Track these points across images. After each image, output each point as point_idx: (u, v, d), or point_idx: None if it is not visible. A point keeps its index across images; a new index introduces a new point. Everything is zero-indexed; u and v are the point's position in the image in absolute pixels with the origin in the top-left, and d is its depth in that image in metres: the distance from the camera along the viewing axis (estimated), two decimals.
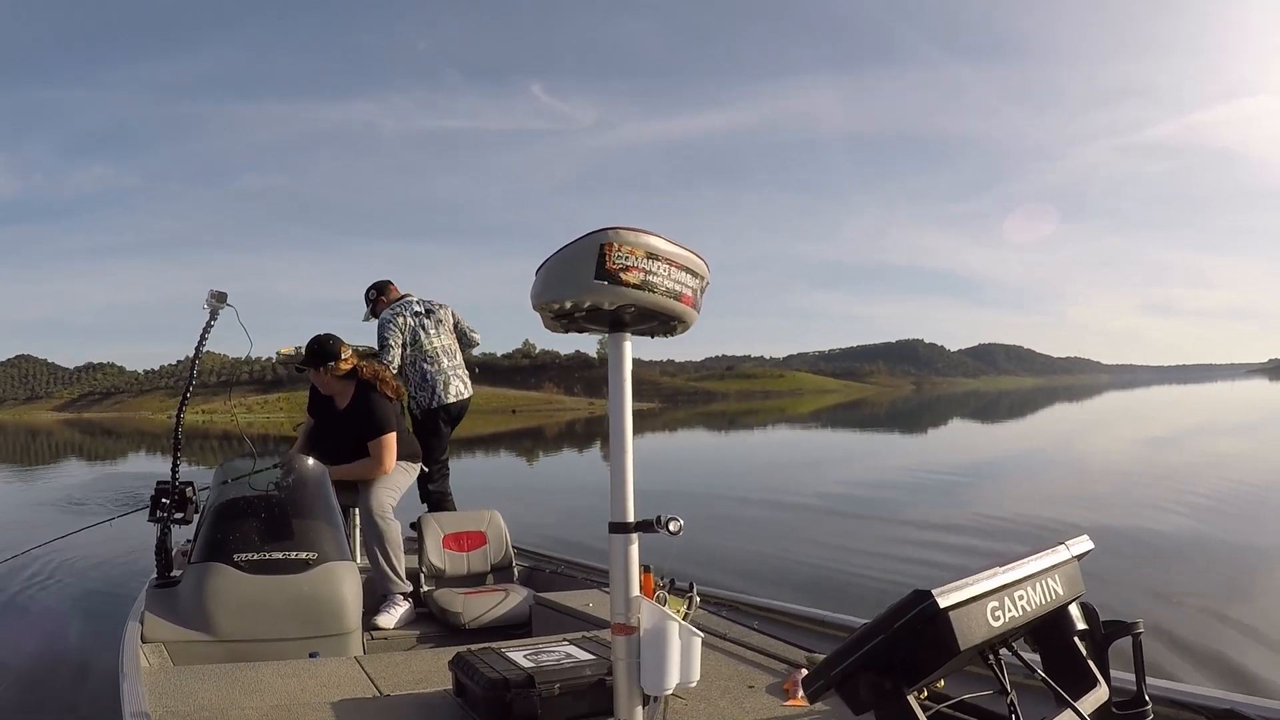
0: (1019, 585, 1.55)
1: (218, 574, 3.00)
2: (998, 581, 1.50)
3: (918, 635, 1.38)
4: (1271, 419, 26.82)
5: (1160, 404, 43.52)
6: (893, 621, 1.39)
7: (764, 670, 2.69)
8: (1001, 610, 1.48)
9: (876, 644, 1.40)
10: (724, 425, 34.18)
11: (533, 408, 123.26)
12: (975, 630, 1.42)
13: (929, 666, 1.41)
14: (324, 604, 3.04)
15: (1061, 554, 1.72)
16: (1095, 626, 1.79)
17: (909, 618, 1.38)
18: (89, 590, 5.69)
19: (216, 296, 4.74)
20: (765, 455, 19.64)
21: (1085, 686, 1.67)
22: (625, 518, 1.80)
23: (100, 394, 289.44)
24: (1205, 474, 11.52)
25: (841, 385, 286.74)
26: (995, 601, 1.48)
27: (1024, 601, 1.55)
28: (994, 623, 1.46)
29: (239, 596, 2.95)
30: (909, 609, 1.38)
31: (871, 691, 1.41)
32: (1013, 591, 1.53)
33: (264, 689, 2.34)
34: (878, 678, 1.40)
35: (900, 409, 53.12)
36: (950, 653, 1.38)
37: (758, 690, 2.50)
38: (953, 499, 10.23)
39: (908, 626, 1.38)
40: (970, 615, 1.42)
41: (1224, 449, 16.20)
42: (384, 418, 4.15)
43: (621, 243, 1.69)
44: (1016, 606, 1.52)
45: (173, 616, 2.92)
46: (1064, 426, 27.64)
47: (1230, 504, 9.14)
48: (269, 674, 2.46)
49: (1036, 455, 17.31)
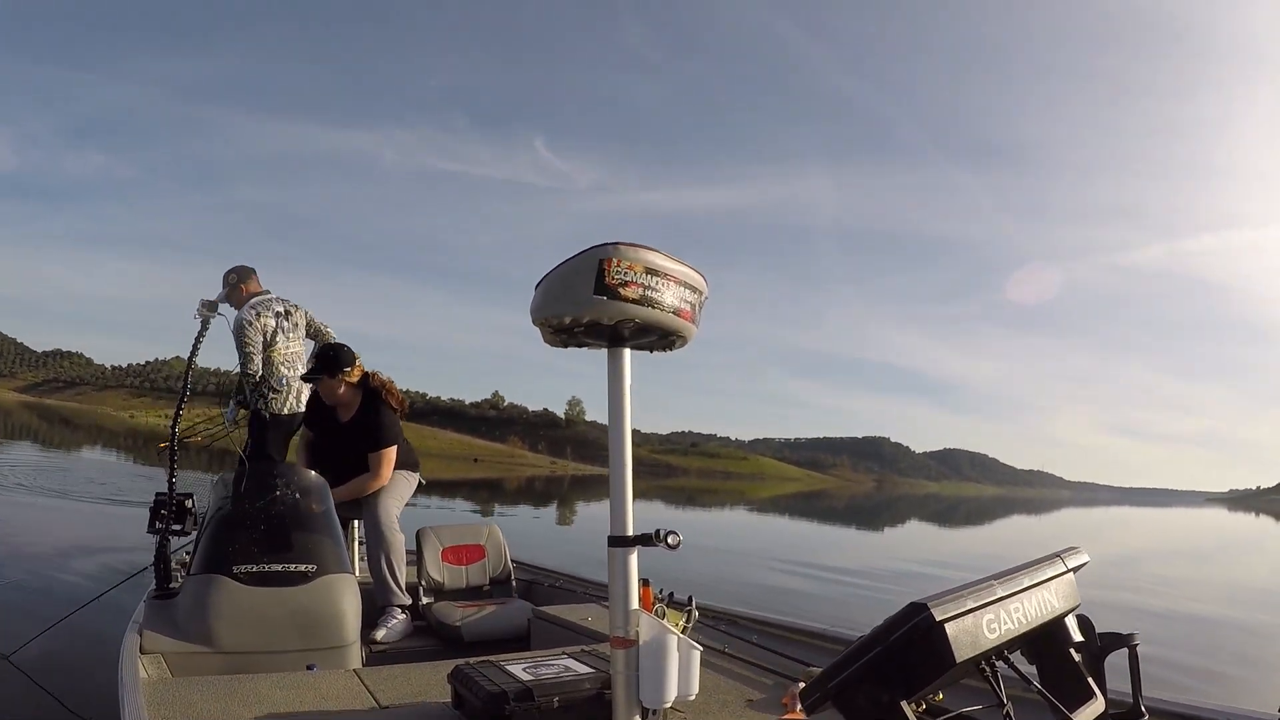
0: (1015, 598, 1.56)
1: (217, 586, 3.00)
2: (994, 594, 1.51)
3: (914, 648, 1.39)
4: (1221, 549, 27.16)
5: (1116, 524, 43.84)
6: (889, 634, 1.40)
7: (762, 684, 2.69)
8: (998, 622, 1.49)
9: (873, 656, 1.41)
10: (682, 501, 34.15)
11: (495, 459, 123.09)
12: (971, 642, 1.43)
13: (926, 679, 1.42)
14: (323, 616, 3.04)
15: (1057, 566, 1.73)
16: (1091, 638, 1.80)
17: (905, 630, 1.39)
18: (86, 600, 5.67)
19: (208, 306, 4.74)
20: (715, 539, 19.15)
21: (1081, 698, 1.68)
22: (624, 531, 1.81)
23: (64, 382, 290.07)
24: (1151, 596, 11.43)
25: (804, 474, 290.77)
26: (991, 614, 1.49)
27: (1020, 614, 1.56)
28: (990, 635, 1.47)
29: (238, 608, 2.95)
30: (905, 621, 1.39)
31: (869, 704, 1.41)
32: (1009, 604, 1.54)
33: (262, 701, 2.34)
34: (875, 690, 1.41)
35: (860, 505, 53.44)
36: (947, 665, 1.39)
37: (756, 704, 2.50)
38: (879, 601, 9.71)
39: (904, 639, 1.39)
40: (966, 627, 1.43)
41: (1172, 573, 16.24)
42: (392, 430, 4.17)
43: (621, 258, 1.71)
44: (1012, 619, 1.53)
45: (171, 628, 2.91)
46: (1020, 538, 27.91)
47: (1168, 626, 9.09)
48: (268, 686, 2.46)
49: (983, 561, 17.12)
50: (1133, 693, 1.82)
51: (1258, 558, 24.78)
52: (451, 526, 4.49)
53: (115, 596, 5.39)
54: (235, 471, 3.62)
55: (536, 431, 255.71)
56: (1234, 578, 17.43)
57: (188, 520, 3.52)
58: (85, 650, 4.36)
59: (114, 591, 5.83)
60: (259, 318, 4.80)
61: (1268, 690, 6.46)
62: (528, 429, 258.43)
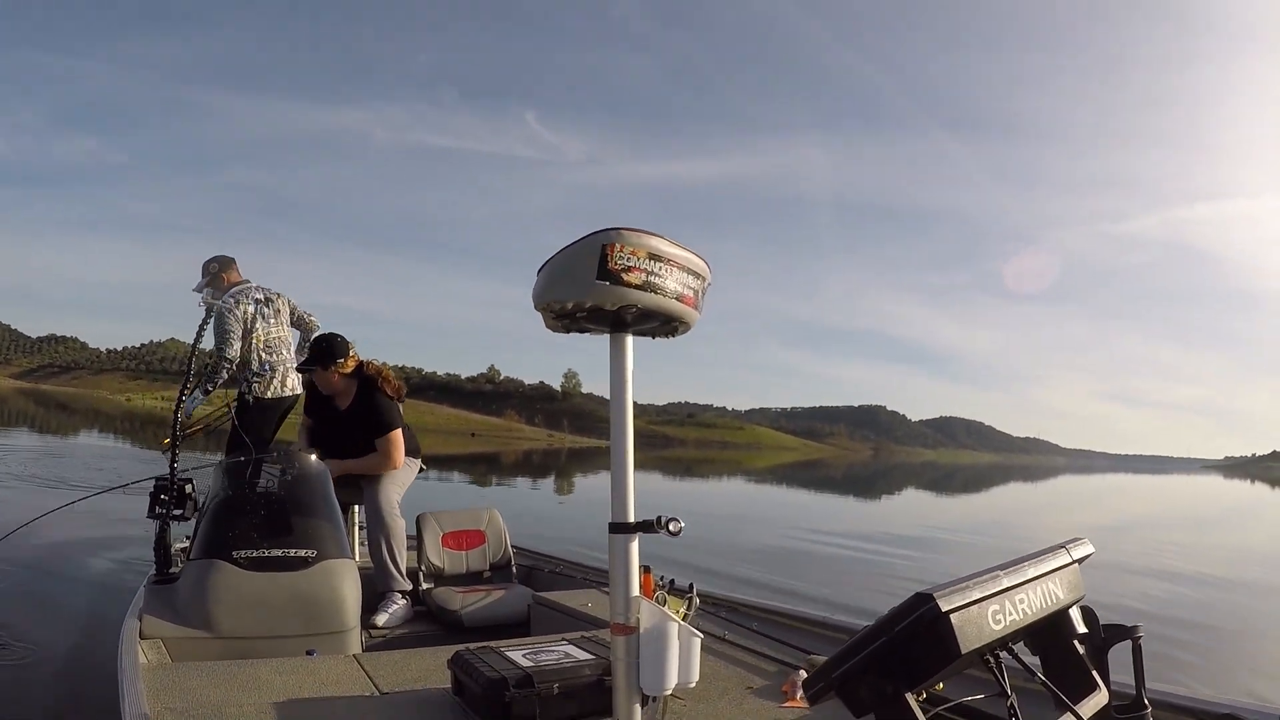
0: (1020, 589, 1.55)
1: (217, 571, 2.99)
2: (999, 585, 1.50)
3: (919, 638, 1.38)
4: (1223, 517, 27.17)
5: (1114, 491, 43.87)
6: (894, 624, 1.39)
7: (763, 672, 2.69)
8: (1002, 613, 1.48)
9: (878, 647, 1.39)
10: (680, 472, 34.26)
11: (492, 433, 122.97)
12: (976, 633, 1.42)
13: (930, 669, 1.41)
14: (323, 601, 3.04)
15: (1062, 557, 1.72)
16: (1095, 630, 1.79)
17: (910, 620, 1.37)
18: (86, 585, 5.68)
19: (211, 293, 4.74)
20: (716, 505, 19.13)
21: (1085, 690, 1.67)
22: (625, 518, 1.80)
23: (60, 367, 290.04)
24: (1148, 563, 11.35)
25: (800, 444, 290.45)
26: (996, 605, 1.48)
27: (1024, 605, 1.55)
28: (995, 626, 1.46)
29: (238, 593, 2.95)
30: (910, 612, 1.38)
31: (872, 694, 1.40)
32: (1013, 595, 1.53)
33: (263, 686, 2.33)
34: (878, 680, 1.40)
35: (857, 473, 53.29)
36: (951, 656, 1.38)
37: (757, 691, 2.50)
38: (879, 573, 9.54)
39: (909, 629, 1.37)
40: (971, 618, 1.42)
41: (1171, 539, 16.22)
42: (390, 415, 4.19)
43: (624, 243, 1.68)
44: (1017, 610, 1.52)
45: (171, 613, 2.91)
46: (1017, 504, 27.93)
47: (1170, 589, 9.09)
48: (268, 671, 2.46)
49: (985, 530, 17.05)
50: (1136, 685, 1.81)
51: (1256, 524, 24.83)
52: (452, 512, 4.49)
53: (115, 581, 5.39)
54: (235, 457, 3.61)
55: (533, 405, 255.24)
56: (1242, 543, 17.42)
57: (188, 505, 3.52)
58: (85, 635, 4.37)
59: (115, 577, 5.84)
60: (238, 305, 4.79)
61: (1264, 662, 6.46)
62: (524, 402, 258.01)
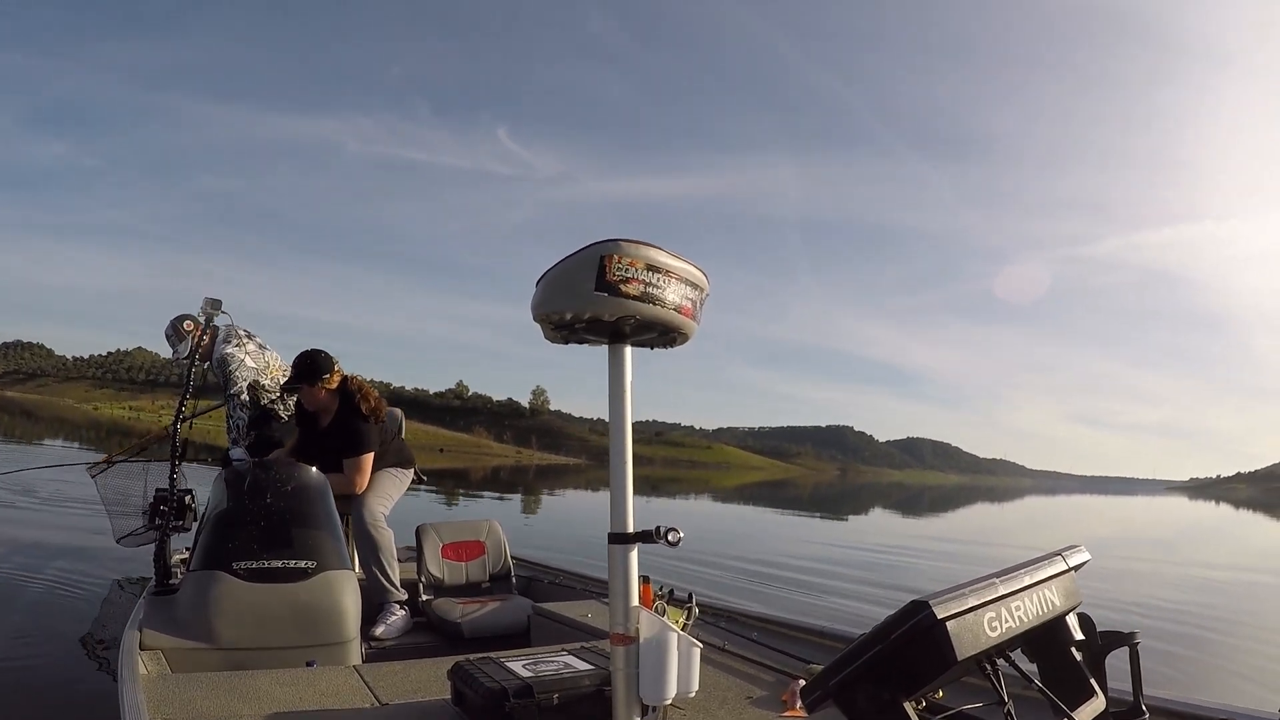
0: (1016, 596, 1.56)
1: (217, 582, 3.00)
2: (995, 592, 1.51)
3: (915, 645, 1.39)
4: (1183, 537, 27.22)
5: (1080, 511, 43.84)
6: (890, 632, 1.40)
7: (762, 681, 2.69)
8: (999, 620, 1.49)
9: (874, 654, 1.40)
10: (647, 491, 34.22)
11: (461, 449, 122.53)
12: (973, 640, 1.43)
13: (927, 677, 1.42)
14: (323, 612, 3.04)
15: (1058, 565, 1.73)
16: (1092, 637, 1.80)
17: (907, 628, 1.38)
18: (86, 596, 5.67)
19: (211, 304, 4.73)
20: (690, 524, 18.99)
21: (1082, 697, 1.68)
22: (625, 528, 1.81)
23: (25, 374, 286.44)
24: (1112, 583, 11.29)
25: (767, 464, 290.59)
26: (993, 612, 1.49)
27: (1021, 612, 1.56)
28: (991, 633, 1.47)
29: (238, 604, 2.95)
30: (907, 619, 1.39)
31: (869, 702, 1.41)
32: (1010, 602, 1.54)
33: (262, 697, 2.34)
34: (876, 688, 1.40)
35: (824, 493, 52.93)
36: (948, 663, 1.38)
37: (756, 701, 2.50)
38: (837, 591, 9.07)
39: (905, 637, 1.38)
40: (968, 625, 1.43)
41: (1136, 557, 16.18)
42: (364, 437, 4.14)
43: (622, 254, 1.70)
44: (1014, 617, 1.53)
45: (171, 624, 2.91)
46: (985, 525, 27.92)
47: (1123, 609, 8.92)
48: (267, 682, 2.46)
49: (949, 550, 16.92)
50: (1133, 691, 1.82)
51: (1221, 544, 24.79)
52: (451, 523, 4.50)
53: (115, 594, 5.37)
54: (235, 468, 3.62)
55: (501, 421, 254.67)
56: (1210, 559, 17.47)
57: (188, 516, 3.52)
58: (84, 646, 4.36)
59: (113, 590, 5.83)
60: (239, 349, 4.93)
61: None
62: (492, 419, 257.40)
